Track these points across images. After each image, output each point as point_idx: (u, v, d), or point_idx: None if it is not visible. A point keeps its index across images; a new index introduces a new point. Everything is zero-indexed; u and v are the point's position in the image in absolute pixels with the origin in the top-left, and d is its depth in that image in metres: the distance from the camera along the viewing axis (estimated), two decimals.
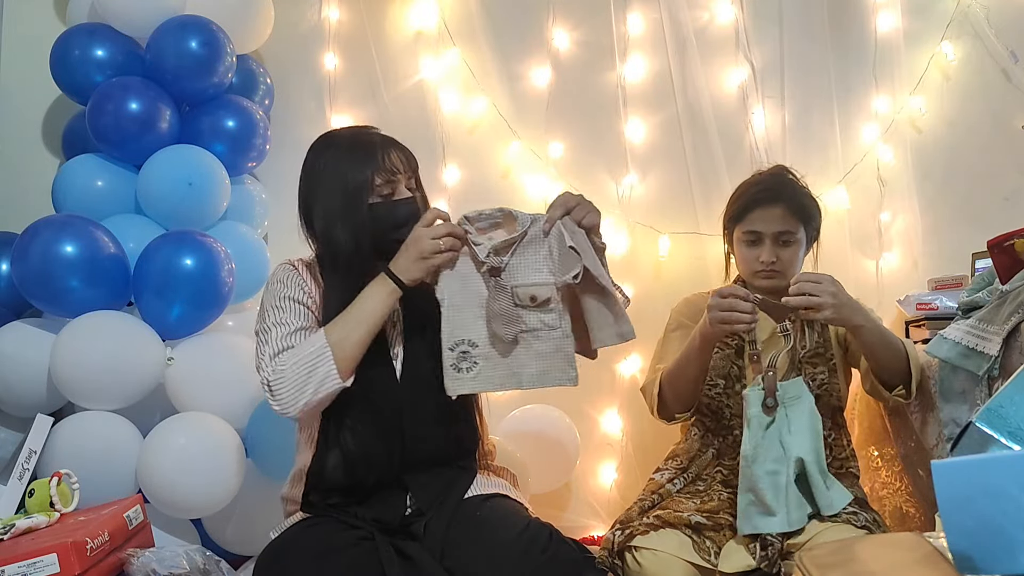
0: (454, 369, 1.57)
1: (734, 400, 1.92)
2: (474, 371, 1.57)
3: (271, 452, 2.13)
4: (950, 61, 2.60)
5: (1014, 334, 1.70)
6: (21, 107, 2.67)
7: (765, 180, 1.98)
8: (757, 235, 1.92)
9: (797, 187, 1.98)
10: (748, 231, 1.94)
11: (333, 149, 1.66)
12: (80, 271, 2.04)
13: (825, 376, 1.92)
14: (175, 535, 2.08)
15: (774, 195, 1.93)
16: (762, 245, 1.92)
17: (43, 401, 2.09)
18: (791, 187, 1.96)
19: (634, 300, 2.58)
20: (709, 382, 1.94)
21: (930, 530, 1.33)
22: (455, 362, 1.57)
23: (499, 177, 2.66)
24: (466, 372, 1.57)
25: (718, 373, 1.94)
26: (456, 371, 1.57)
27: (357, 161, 1.61)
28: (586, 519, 2.59)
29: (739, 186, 2.05)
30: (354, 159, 1.62)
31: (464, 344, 1.57)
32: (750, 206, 1.95)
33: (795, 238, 1.93)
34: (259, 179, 2.62)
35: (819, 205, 2.02)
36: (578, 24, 2.66)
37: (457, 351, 1.57)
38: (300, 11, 2.70)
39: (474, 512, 1.61)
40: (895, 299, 2.52)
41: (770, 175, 2.00)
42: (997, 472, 1.04)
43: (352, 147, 1.64)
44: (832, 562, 1.26)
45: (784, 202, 1.92)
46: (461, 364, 1.57)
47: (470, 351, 1.57)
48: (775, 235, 1.91)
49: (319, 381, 1.52)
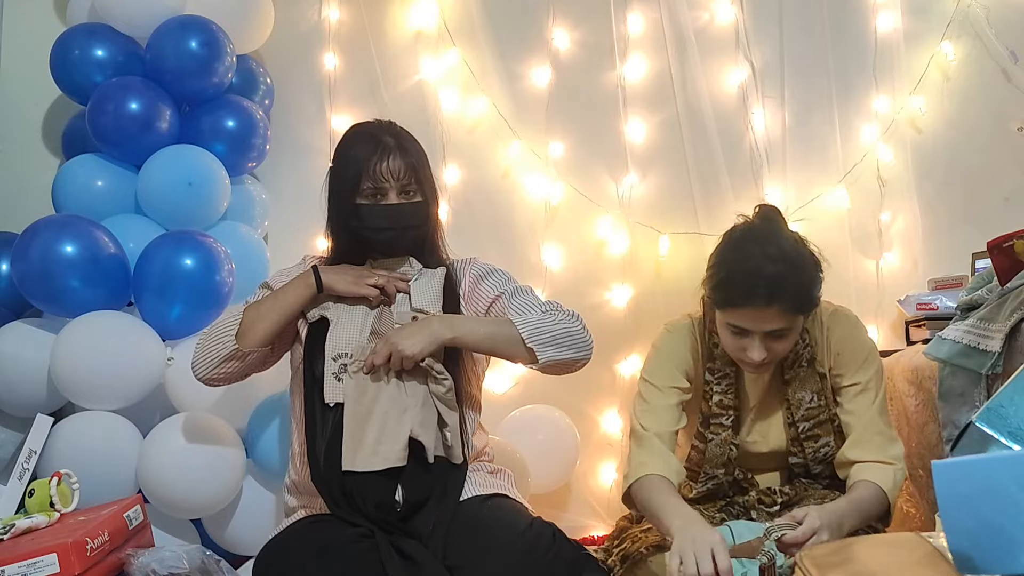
0: (335, 378, 1.66)
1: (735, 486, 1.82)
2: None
3: (271, 452, 2.13)
4: (950, 61, 2.60)
5: (1015, 333, 1.70)
6: (21, 107, 2.66)
7: (758, 267, 1.58)
8: (744, 330, 1.63)
9: (798, 272, 1.60)
10: (733, 324, 1.64)
11: (345, 144, 1.78)
12: (80, 271, 2.04)
13: (830, 446, 1.77)
14: (175, 535, 2.08)
15: (769, 296, 1.57)
16: (749, 338, 1.63)
17: (43, 401, 2.09)
18: (791, 276, 1.59)
19: (634, 300, 2.62)
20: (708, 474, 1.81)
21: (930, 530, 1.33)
22: (336, 372, 1.66)
23: (499, 177, 2.66)
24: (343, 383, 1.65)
25: (714, 464, 1.80)
26: (337, 380, 1.65)
27: (355, 159, 1.72)
28: (586, 519, 2.59)
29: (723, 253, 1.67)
30: (353, 158, 1.72)
31: (344, 357, 1.66)
32: (737, 301, 1.61)
33: (790, 331, 1.64)
34: (259, 179, 2.62)
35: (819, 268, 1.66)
36: (578, 24, 2.66)
37: (338, 363, 1.66)
38: (300, 11, 2.70)
39: (475, 512, 1.61)
40: (895, 299, 2.52)
41: (764, 257, 1.58)
42: (997, 472, 1.04)
43: (356, 146, 1.74)
44: (832, 562, 1.26)
45: (780, 302, 1.58)
46: (341, 375, 1.66)
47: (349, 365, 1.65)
48: (766, 331, 1.62)
49: (221, 345, 1.70)
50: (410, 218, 1.73)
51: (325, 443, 1.62)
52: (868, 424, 1.71)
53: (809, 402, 1.76)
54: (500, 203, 2.64)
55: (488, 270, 1.83)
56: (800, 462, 1.80)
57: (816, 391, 1.77)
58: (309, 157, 2.67)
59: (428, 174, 1.77)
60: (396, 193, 1.71)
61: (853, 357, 1.75)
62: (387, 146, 1.71)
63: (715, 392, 1.78)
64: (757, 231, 1.67)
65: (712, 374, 1.79)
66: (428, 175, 1.77)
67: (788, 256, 1.60)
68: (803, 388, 1.76)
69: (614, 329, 2.59)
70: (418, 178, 1.73)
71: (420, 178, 1.74)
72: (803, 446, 1.78)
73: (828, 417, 1.77)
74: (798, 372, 1.76)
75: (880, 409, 1.73)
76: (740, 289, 1.61)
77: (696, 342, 1.81)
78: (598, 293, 2.62)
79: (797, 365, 1.76)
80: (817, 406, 1.76)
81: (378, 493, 1.59)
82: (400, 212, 1.72)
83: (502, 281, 1.80)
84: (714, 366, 1.79)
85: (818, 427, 1.77)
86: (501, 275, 1.82)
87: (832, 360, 1.77)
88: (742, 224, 1.72)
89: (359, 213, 1.72)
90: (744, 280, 1.60)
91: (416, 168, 1.73)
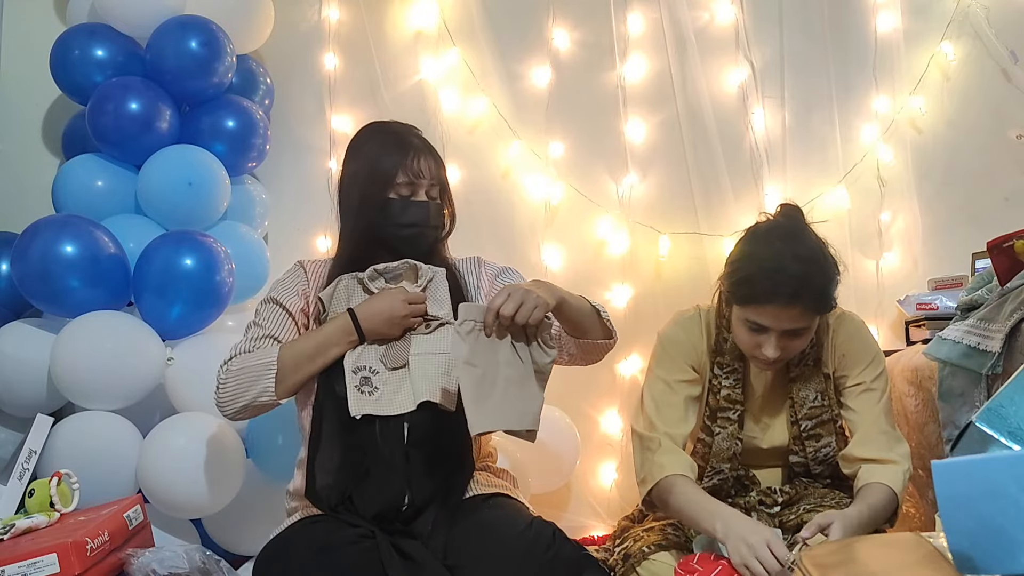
0: (358, 391, 1.63)
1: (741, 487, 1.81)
2: (376, 394, 1.63)
3: (271, 452, 2.13)
4: (950, 61, 2.60)
5: (1015, 333, 1.70)
6: (21, 107, 2.66)
7: (784, 266, 1.58)
8: (762, 327, 1.63)
9: (822, 273, 1.60)
10: (752, 320, 1.64)
11: (375, 137, 1.78)
12: (80, 271, 2.04)
13: (831, 447, 1.77)
14: (175, 535, 2.08)
15: (792, 295, 1.57)
16: (766, 335, 1.63)
17: (43, 401, 2.09)
18: (816, 277, 1.59)
19: (634, 300, 2.62)
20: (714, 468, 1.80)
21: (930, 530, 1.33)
22: (358, 384, 1.64)
23: (499, 177, 2.66)
24: (368, 395, 1.63)
25: (720, 458, 1.79)
26: (360, 392, 1.63)
27: (389, 154, 1.73)
28: (586, 519, 2.59)
29: (748, 249, 1.66)
30: (387, 152, 1.73)
31: (365, 370, 1.65)
32: (759, 299, 1.60)
33: (807, 330, 1.64)
34: (259, 179, 2.62)
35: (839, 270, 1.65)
36: (578, 24, 2.66)
37: (359, 375, 1.65)
38: (300, 11, 2.70)
39: (476, 511, 1.61)
40: (895, 299, 2.52)
41: (791, 256, 1.58)
42: (997, 472, 1.04)
43: (389, 140, 1.75)
44: (832, 562, 1.26)
45: (803, 302, 1.58)
46: (364, 387, 1.64)
47: (371, 377, 1.64)
48: (784, 330, 1.62)
49: (256, 393, 1.64)
50: (435, 218, 1.76)
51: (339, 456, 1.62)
52: (873, 422, 1.71)
53: (812, 401, 1.76)
54: (500, 203, 2.64)
55: (502, 268, 1.86)
56: (801, 460, 1.80)
57: (820, 391, 1.77)
58: (309, 157, 2.67)
59: (446, 177, 1.81)
60: (425, 191, 1.74)
61: (858, 358, 1.75)
62: (418, 146, 1.75)
63: (723, 386, 1.79)
64: (783, 228, 1.66)
65: (721, 368, 1.79)
66: (446, 178, 1.81)
67: (814, 256, 1.61)
68: (807, 387, 1.77)
69: None
70: (442, 180, 1.78)
71: (443, 180, 1.79)
72: (804, 445, 1.78)
73: (831, 418, 1.77)
74: (803, 371, 1.77)
75: (885, 409, 1.73)
76: (764, 286, 1.59)
77: (704, 333, 1.81)
78: (598, 293, 2.62)
79: (803, 364, 1.76)
80: (820, 406, 1.76)
81: (384, 498, 1.59)
82: (429, 210, 1.74)
83: (516, 278, 1.83)
84: (723, 360, 1.79)
85: (820, 427, 1.77)
86: (512, 274, 1.85)
87: (837, 362, 1.77)
88: (766, 221, 1.72)
89: (388, 208, 1.71)
90: (769, 278, 1.58)
91: (439, 169, 1.78)
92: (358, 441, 1.62)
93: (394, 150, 1.73)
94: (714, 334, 1.80)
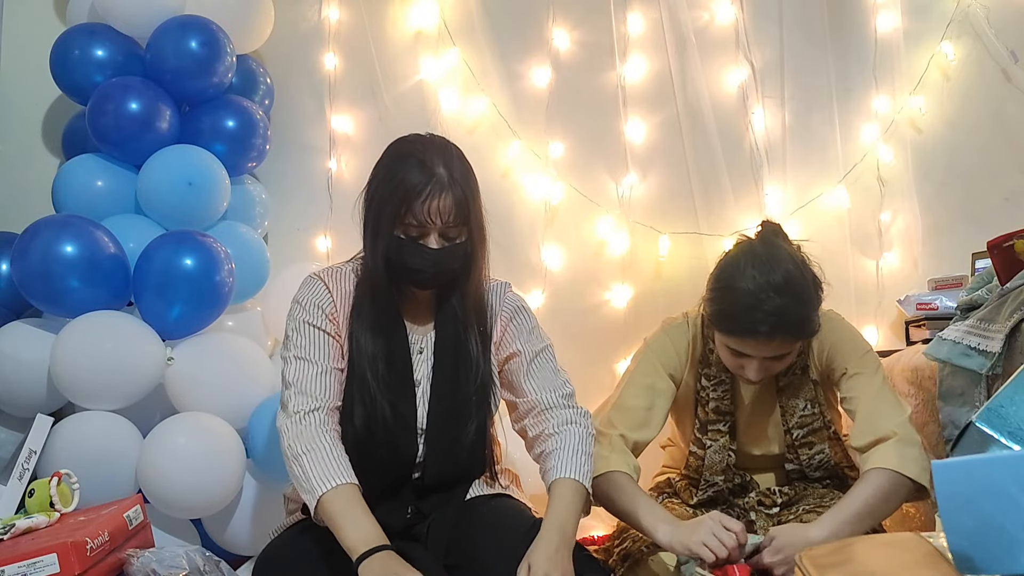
0: None
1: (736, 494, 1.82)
2: None
3: (271, 452, 2.13)
4: (950, 61, 2.60)
5: (1015, 333, 1.70)
6: (21, 107, 2.66)
7: (761, 303, 1.56)
8: (744, 353, 1.64)
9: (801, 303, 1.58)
10: (733, 348, 1.65)
11: (394, 162, 1.60)
12: (80, 271, 2.04)
13: (824, 453, 1.80)
14: (175, 535, 2.08)
15: (771, 331, 1.57)
16: (748, 359, 1.64)
17: (43, 401, 2.09)
18: (794, 309, 1.57)
19: (634, 300, 2.62)
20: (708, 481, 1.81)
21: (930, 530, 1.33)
22: None
23: (499, 177, 2.66)
24: None
25: (714, 471, 1.80)
26: None
27: (403, 187, 1.54)
28: (586, 519, 2.58)
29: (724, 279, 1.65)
30: (402, 184, 1.55)
31: None
32: (738, 333, 1.61)
33: (790, 354, 1.65)
34: (259, 179, 2.62)
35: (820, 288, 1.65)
36: (578, 24, 2.66)
37: None
38: (300, 11, 2.70)
39: (478, 512, 1.61)
40: (895, 299, 2.52)
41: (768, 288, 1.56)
42: (997, 472, 1.04)
43: (406, 171, 1.56)
44: (832, 562, 1.26)
45: (782, 335, 1.59)
46: None
47: None
48: (766, 357, 1.64)
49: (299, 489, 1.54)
50: (448, 262, 1.59)
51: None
52: (870, 401, 1.70)
53: (803, 410, 1.77)
54: (500, 203, 2.64)
55: (517, 307, 1.74)
56: (796, 468, 1.80)
57: (809, 399, 1.77)
58: (309, 157, 2.67)
59: (476, 208, 1.60)
60: (438, 235, 1.56)
61: (842, 349, 1.76)
62: (439, 181, 1.54)
63: (711, 398, 1.78)
64: (759, 256, 1.62)
65: (708, 379, 1.79)
66: (476, 209, 1.60)
67: (790, 284, 1.58)
68: (797, 396, 1.77)
69: (614, 329, 2.59)
70: (465, 216, 1.57)
71: (468, 215, 1.58)
72: (798, 453, 1.78)
73: (823, 425, 1.78)
74: (792, 380, 1.77)
75: (881, 385, 1.72)
76: (743, 323, 1.59)
77: (690, 344, 1.81)
78: (598, 293, 2.62)
79: (791, 373, 1.76)
80: (811, 414, 1.77)
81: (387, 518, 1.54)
82: (439, 257, 1.57)
83: (525, 331, 1.72)
84: (709, 372, 1.79)
85: (812, 435, 1.78)
86: (527, 320, 1.73)
87: (824, 361, 1.78)
88: (744, 246, 1.68)
89: (398, 247, 1.57)
90: (747, 314, 1.57)
91: (464, 204, 1.57)
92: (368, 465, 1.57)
93: (409, 185, 1.54)
94: (700, 347, 1.80)
